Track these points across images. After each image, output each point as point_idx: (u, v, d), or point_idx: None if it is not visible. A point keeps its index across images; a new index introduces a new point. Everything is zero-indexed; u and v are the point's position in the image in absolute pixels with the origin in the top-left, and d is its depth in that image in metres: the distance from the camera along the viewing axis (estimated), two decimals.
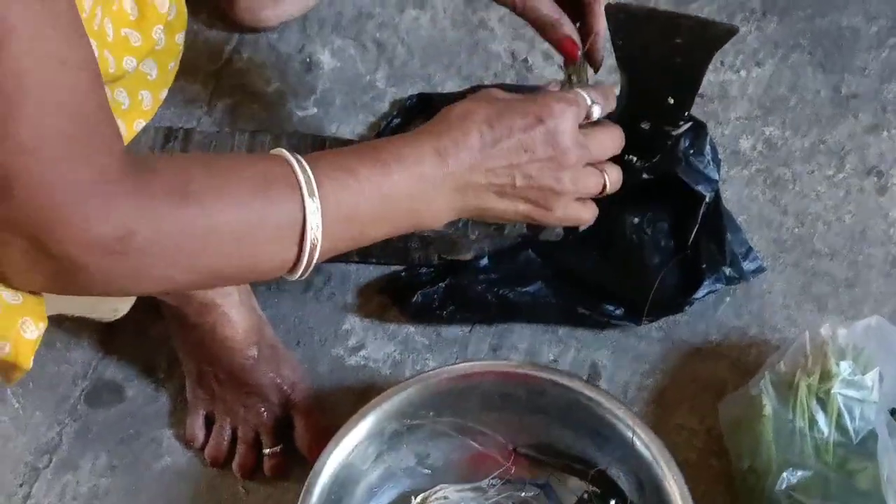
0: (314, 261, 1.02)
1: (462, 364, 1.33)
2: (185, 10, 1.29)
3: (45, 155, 0.87)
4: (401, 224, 1.09)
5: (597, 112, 1.17)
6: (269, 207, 0.98)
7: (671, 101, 1.29)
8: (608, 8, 1.24)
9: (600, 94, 1.18)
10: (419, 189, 1.08)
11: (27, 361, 0.96)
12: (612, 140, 1.19)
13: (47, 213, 0.88)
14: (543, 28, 1.25)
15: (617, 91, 1.25)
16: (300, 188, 1.00)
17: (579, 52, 1.25)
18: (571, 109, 1.13)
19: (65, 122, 0.88)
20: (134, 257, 0.91)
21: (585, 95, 1.16)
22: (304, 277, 1.03)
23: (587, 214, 1.19)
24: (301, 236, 1.00)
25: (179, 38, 1.31)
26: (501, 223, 1.46)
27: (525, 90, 1.52)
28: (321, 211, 1.00)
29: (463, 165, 1.09)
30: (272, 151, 1.03)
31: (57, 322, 1.04)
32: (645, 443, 1.26)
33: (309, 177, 1.00)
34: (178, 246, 0.93)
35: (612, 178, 1.19)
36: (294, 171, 1.00)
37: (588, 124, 1.18)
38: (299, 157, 1.02)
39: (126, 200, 0.90)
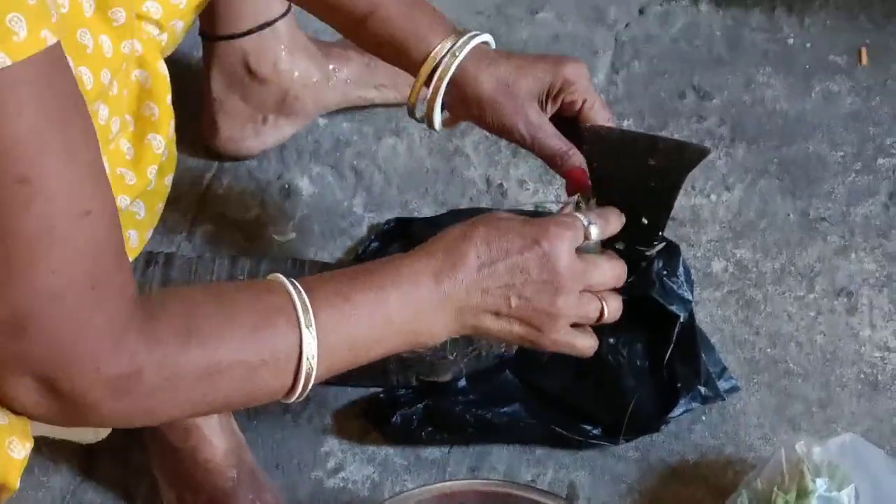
0: (309, 386, 1.04)
1: (442, 483, 1.33)
2: (175, 152, 1.31)
3: (63, 301, 0.89)
4: (398, 345, 1.10)
5: (594, 233, 1.18)
6: (269, 342, 1.01)
7: (645, 221, 1.32)
8: (583, 130, 1.27)
9: (601, 217, 1.20)
10: (416, 312, 1.09)
11: (15, 482, 0.96)
12: (612, 270, 1.20)
13: (60, 355, 0.91)
14: (552, 161, 1.28)
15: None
16: (298, 321, 1.01)
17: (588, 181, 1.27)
18: (568, 233, 1.14)
19: (84, 270, 0.90)
20: (141, 395, 0.95)
21: (583, 218, 1.17)
22: (299, 400, 1.05)
23: (583, 342, 1.19)
24: (297, 365, 1.02)
25: (168, 179, 1.33)
26: (497, 342, 1.47)
27: (534, 215, 1.54)
28: (317, 341, 1.02)
29: (460, 287, 1.10)
30: (270, 277, 1.06)
31: (36, 447, 1.04)
32: None
33: (307, 307, 1.02)
34: (183, 385, 0.97)
35: (611, 307, 1.20)
36: (292, 302, 1.02)
37: (593, 253, 1.20)
38: (297, 284, 1.04)
39: (135, 343, 0.93)
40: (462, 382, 1.49)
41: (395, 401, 1.49)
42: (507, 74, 1.26)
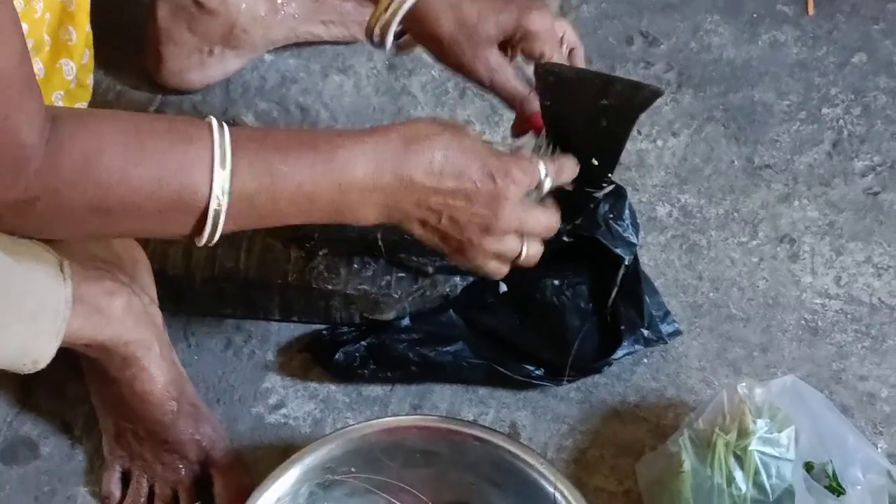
0: (218, 229, 1.06)
1: (385, 419, 1.34)
2: (88, 84, 1.29)
3: None
4: (317, 218, 1.11)
5: (547, 185, 1.19)
6: (178, 175, 1.03)
7: (595, 162, 1.32)
8: (537, 67, 1.27)
9: (558, 168, 1.21)
10: (343, 194, 1.09)
11: None
12: (547, 221, 1.21)
13: None
14: (512, 102, 1.29)
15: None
16: (212, 157, 1.03)
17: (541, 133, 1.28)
18: (525, 181, 1.16)
19: None
20: (36, 219, 1.02)
21: (543, 169, 1.18)
22: (209, 244, 1.07)
23: (492, 267, 1.21)
24: (206, 205, 1.04)
25: (80, 107, 1.31)
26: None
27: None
28: (231, 183, 1.04)
29: (397, 189, 1.11)
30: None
31: None
32: (566, 497, 1.27)
33: (225, 147, 1.03)
34: (76, 217, 1.02)
35: (530, 254, 1.21)
36: (212, 138, 1.04)
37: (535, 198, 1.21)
38: (224, 125, 1.05)
39: (34, 174, 0.97)
40: (406, 321, 1.49)
41: (338, 338, 1.48)
42: (469, 16, 1.26)
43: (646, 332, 1.47)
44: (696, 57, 1.74)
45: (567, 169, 1.24)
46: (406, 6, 1.25)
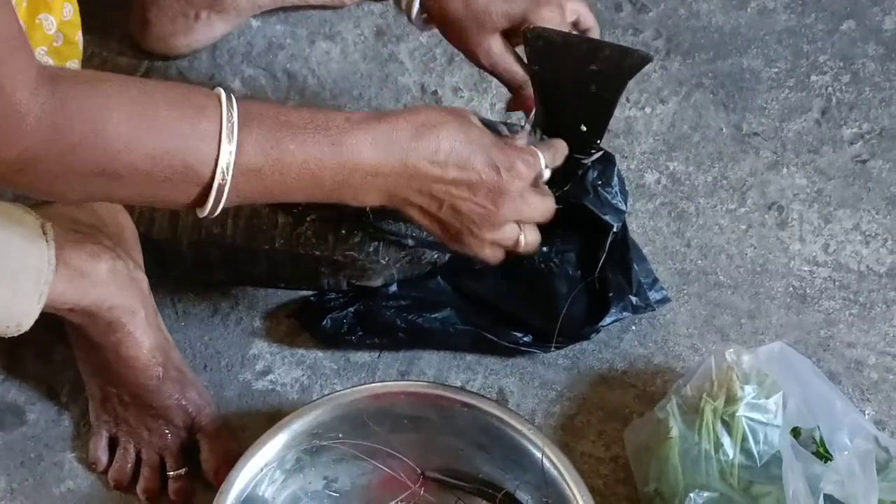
0: (221, 202, 1.06)
1: (373, 384, 1.34)
2: (76, 40, 1.27)
3: None
4: (320, 197, 1.11)
5: (546, 175, 1.21)
6: (183, 144, 1.03)
7: (584, 128, 1.31)
8: (526, 32, 1.26)
9: (552, 153, 1.23)
10: (347, 178, 1.10)
11: None
12: (544, 207, 1.22)
13: None
14: (510, 85, 1.30)
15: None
16: (220, 129, 1.03)
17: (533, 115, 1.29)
18: (528, 174, 1.17)
19: None
20: (37, 177, 1.01)
21: (543, 159, 1.20)
22: (212, 216, 1.07)
23: (489, 253, 1.22)
24: (211, 176, 1.04)
25: (71, 65, 1.29)
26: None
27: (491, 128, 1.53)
28: (236, 156, 1.04)
29: (402, 175, 1.11)
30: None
31: None
32: (554, 462, 1.26)
33: (233, 118, 1.04)
34: (79, 180, 1.02)
35: (528, 241, 1.22)
36: (220, 110, 1.04)
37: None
38: (233, 98, 1.05)
39: (34, 131, 0.97)
40: (394, 287, 1.48)
41: (326, 304, 1.48)
42: (475, 2, 1.26)
43: (634, 299, 1.47)
44: (684, 24, 1.73)
45: (560, 152, 1.25)
46: None
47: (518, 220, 1.19)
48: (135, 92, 1.02)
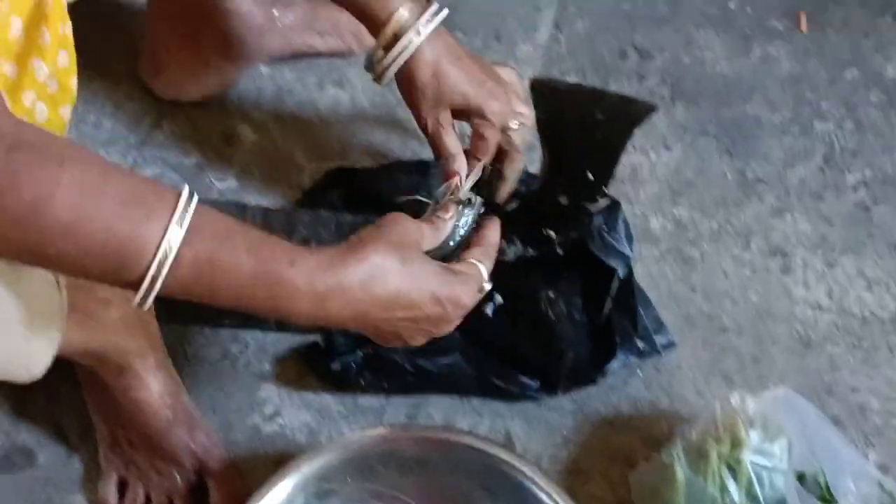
0: (157, 285, 1.01)
1: (380, 428, 1.34)
2: (71, 86, 1.28)
3: None
4: (252, 311, 1.09)
5: (487, 287, 1.22)
6: (120, 250, 0.99)
7: (590, 176, 1.33)
8: (533, 82, 1.28)
9: (491, 255, 1.25)
10: (285, 312, 1.07)
11: None
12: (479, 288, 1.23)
13: None
14: (439, 153, 1.37)
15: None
16: (172, 213, 0.99)
17: (454, 183, 1.33)
18: (471, 303, 1.20)
19: None
20: None
21: (485, 271, 1.21)
22: (142, 305, 1.03)
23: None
24: (141, 279, 1.00)
25: (64, 111, 1.28)
26: None
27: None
28: (182, 242, 1.00)
29: (346, 319, 1.10)
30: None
31: None
32: None
33: (187, 210, 1.00)
34: (11, 252, 0.99)
35: (486, 271, 1.23)
36: (178, 198, 1.00)
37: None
38: (193, 193, 1.01)
39: None
40: None
41: (334, 348, 1.49)
42: (445, 77, 1.33)
43: (640, 344, 1.48)
44: (688, 71, 1.75)
45: (494, 246, 1.27)
46: (407, 54, 1.32)
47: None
48: (89, 180, 0.98)
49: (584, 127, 1.29)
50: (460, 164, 1.35)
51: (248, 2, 1.64)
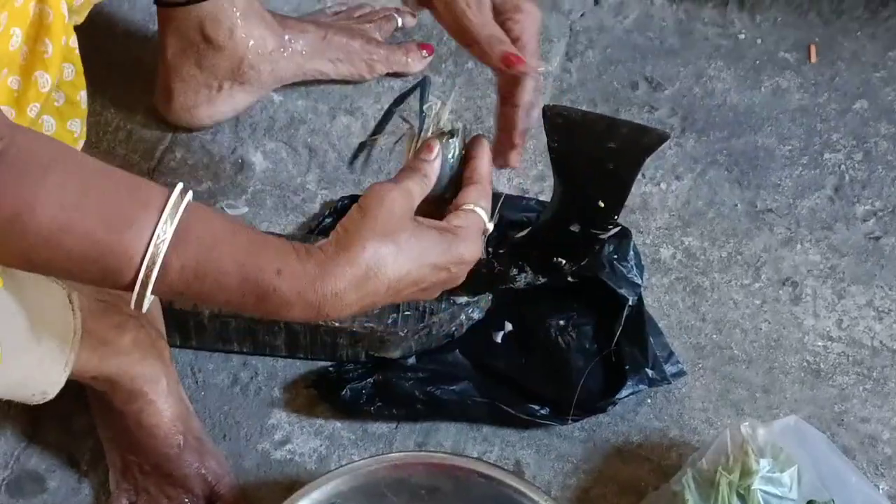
0: (149, 286, 0.99)
1: (390, 455, 1.34)
2: (78, 100, 1.28)
3: None
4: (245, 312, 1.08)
5: (490, 227, 1.17)
6: (103, 260, 0.97)
7: (601, 204, 1.34)
8: (545, 110, 1.28)
9: (486, 195, 1.18)
10: (275, 311, 1.04)
11: None
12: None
13: None
14: (482, 48, 1.23)
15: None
16: (161, 212, 0.97)
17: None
18: (476, 255, 1.13)
19: None
20: None
21: (484, 216, 1.16)
22: (141, 309, 1.01)
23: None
24: (130, 287, 0.99)
25: (72, 125, 1.27)
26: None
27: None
28: (171, 241, 0.98)
29: (340, 313, 1.06)
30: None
31: None
32: None
33: (177, 209, 0.98)
34: (10, 261, 0.98)
35: (485, 213, 1.17)
36: (167, 197, 0.98)
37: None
38: (184, 191, 1.00)
39: None
40: (412, 359, 1.50)
41: (345, 375, 1.49)
42: None
43: (650, 373, 1.48)
44: (699, 102, 1.76)
45: (485, 169, 1.20)
46: None
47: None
48: (71, 190, 0.97)
49: (596, 155, 1.29)
50: (509, 46, 1.22)
51: (260, 28, 1.66)
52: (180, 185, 1.00)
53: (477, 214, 1.15)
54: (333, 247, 1.05)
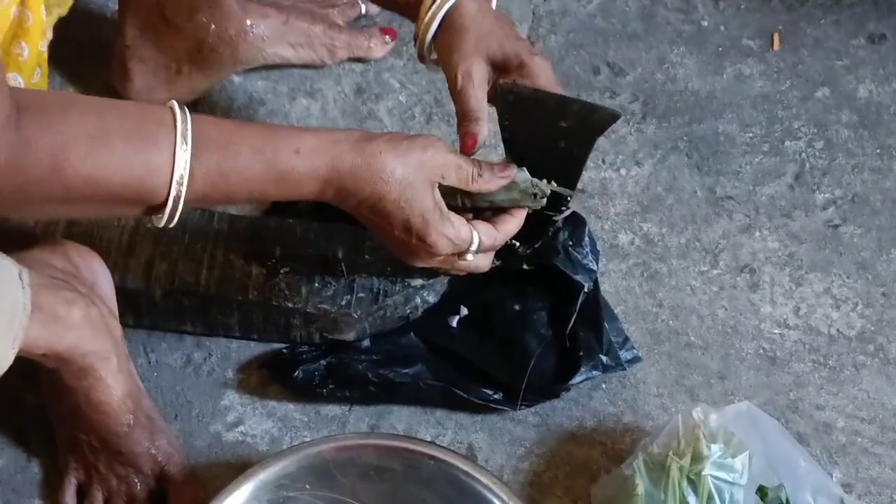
0: (175, 219, 1.13)
1: (340, 436, 1.34)
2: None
3: None
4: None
5: (473, 250, 1.28)
6: (139, 180, 1.08)
7: (554, 184, 1.33)
8: (497, 87, 1.28)
9: (504, 233, 1.30)
10: (291, 196, 1.17)
11: None
12: (464, 270, 1.32)
13: None
14: (461, 117, 1.33)
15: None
16: (172, 168, 1.09)
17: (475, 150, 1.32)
18: (443, 250, 1.25)
19: None
20: (8, 203, 1.07)
21: (476, 241, 1.27)
22: (169, 224, 1.12)
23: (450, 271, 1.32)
24: (162, 205, 1.11)
25: None
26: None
27: None
28: (186, 193, 1.10)
29: (338, 200, 1.19)
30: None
31: None
32: None
33: (187, 128, 1.10)
34: (37, 206, 1.09)
35: (477, 264, 1.31)
36: (174, 119, 1.10)
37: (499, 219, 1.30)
38: (186, 111, 1.11)
39: (6, 162, 1.01)
40: (366, 342, 1.49)
41: (298, 356, 1.48)
42: (484, 25, 1.33)
43: (604, 359, 1.48)
44: (661, 87, 1.76)
45: (510, 231, 1.31)
46: (446, 6, 1.33)
47: (446, 261, 1.28)
48: (93, 120, 1.06)
49: (548, 134, 1.28)
50: (481, 129, 1.32)
51: (221, 11, 1.64)
52: (174, 102, 1.11)
53: (471, 234, 1.26)
54: (356, 136, 1.19)
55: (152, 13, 1.61)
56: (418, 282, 1.48)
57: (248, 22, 1.68)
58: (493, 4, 1.38)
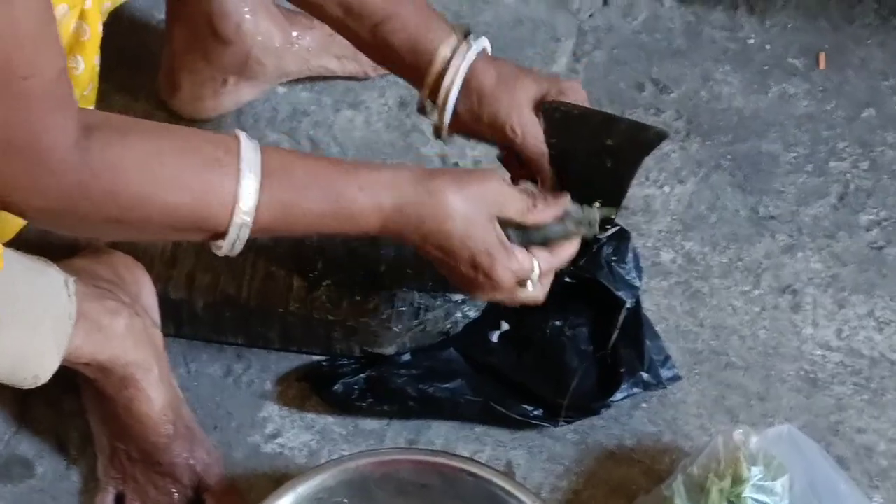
0: (236, 250, 1.12)
1: (380, 450, 1.34)
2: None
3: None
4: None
5: (534, 279, 1.26)
6: (199, 210, 1.08)
7: (599, 203, 1.33)
8: (544, 105, 1.27)
9: (558, 260, 1.28)
10: (349, 228, 1.17)
11: None
12: (524, 301, 1.28)
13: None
14: (532, 163, 1.31)
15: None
16: (236, 198, 1.08)
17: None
18: (508, 282, 1.23)
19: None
20: (53, 221, 1.09)
21: (537, 269, 1.25)
22: (232, 253, 1.12)
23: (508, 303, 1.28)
24: (223, 233, 1.10)
25: None
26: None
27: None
28: (252, 222, 1.10)
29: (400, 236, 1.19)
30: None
31: None
32: None
33: (250, 190, 1.08)
34: (95, 227, 1.10)
35: (534, 295, 1.28)
36: (238, 181, 1.08)
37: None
38: (256, 163, 1.09)
39: (64, 187, 1.01)
40: (406, 356, 1.49)
41: (338, 369, 1.48)
42: (509, 73, 1.30)
43: (645, 376, 1.47)
44: (705, 105, 1.75)
45: (565, 256, 1.29)
46: (459, 80, 1.28)
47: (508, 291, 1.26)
48: (159, 146, 1.06)
49: (594, 153, 1.28)
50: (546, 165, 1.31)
51: (267, 23, 1.65)
52: (240, 132, 1.10)
53: (532, 263, 1.24)
54: (419, 173, 1.19)
55: (201, 25, 1.62)
56: (459, 297, 1.48)
57: (294, 34, 1.68)
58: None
